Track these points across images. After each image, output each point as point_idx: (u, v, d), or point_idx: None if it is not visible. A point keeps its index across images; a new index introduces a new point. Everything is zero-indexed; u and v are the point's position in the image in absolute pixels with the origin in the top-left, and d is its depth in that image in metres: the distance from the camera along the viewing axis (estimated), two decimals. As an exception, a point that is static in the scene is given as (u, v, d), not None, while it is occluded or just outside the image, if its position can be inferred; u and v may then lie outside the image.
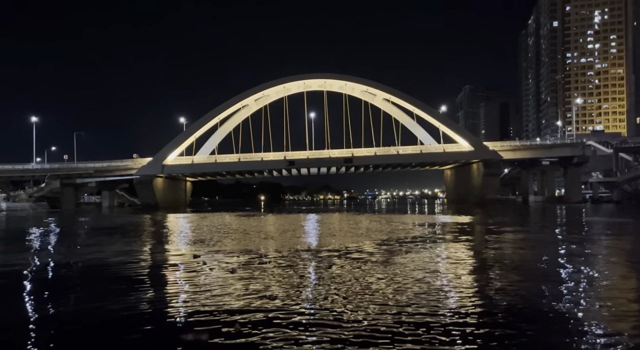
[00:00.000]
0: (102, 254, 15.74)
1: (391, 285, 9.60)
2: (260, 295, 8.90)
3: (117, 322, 7.34)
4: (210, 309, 7.91)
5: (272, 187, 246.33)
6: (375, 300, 8.28)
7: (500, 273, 11.26)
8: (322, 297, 8.62)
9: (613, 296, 8.74)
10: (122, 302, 8.49)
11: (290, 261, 13.18)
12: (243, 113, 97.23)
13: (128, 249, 17.01)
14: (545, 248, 16.72)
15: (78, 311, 8.13)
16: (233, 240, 19.67)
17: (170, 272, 12.13)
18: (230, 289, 9.48)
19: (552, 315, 7.35)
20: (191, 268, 12.41)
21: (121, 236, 24.27)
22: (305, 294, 8.93)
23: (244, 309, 7.88)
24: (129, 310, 7.95)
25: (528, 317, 7.24)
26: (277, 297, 8.63)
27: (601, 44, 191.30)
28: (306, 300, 8.42)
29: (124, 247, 18.05)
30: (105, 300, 8.76)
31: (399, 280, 10.24)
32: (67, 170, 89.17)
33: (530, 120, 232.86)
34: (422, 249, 16.12)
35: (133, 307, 8.22)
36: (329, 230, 24.87)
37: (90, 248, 18.15)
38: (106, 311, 8.00)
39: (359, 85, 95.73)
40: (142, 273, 11.91)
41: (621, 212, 49.08)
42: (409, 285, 9.57)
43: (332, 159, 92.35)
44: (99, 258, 14.83)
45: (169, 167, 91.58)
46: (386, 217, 43.32)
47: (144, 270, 12.33)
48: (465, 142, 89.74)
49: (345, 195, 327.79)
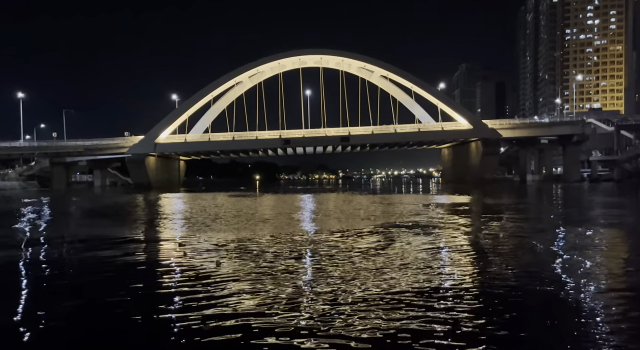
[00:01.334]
0: (76, 244, 14.19)
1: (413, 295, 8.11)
2: (239, 306, 7.02)
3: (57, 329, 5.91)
4: (178, 316, 6.45)
5: (267, 167, 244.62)
6: (390, 306, 6.86)
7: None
8: (321, 316, 6.48)
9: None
10: (77, 299, 7.10)
11: (284, 251, 11.67)
12: (237, 90, 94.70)
13: (107, 235, 15.49)
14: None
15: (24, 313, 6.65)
16: (225, 224, 18.16)
17: (148, 264, 10.62)
18: (202, 294, 7.57)
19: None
20: (172, 260, 10.90)
21: (105, 219, 22.77)
22: (300, 310, 6.72)
23: (211, 329, 5.94)
24: (73, 315, 6.54)
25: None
26: (263, 311, 6.66)
27: (601, 20, 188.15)
28: (302, 317, 6.34)
29: (105, 231, 16.54)
30: (50, 304, 7.24)
31: (422, 287, 8.16)
32: (56, 149, 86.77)
33: (527, 98, 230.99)
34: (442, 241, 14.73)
35: (78, 311, 6.79)
36: (327, 213, 23.42)
37: (66, 231, 16.65)
38: (46, 318, 6.51)
39: (355, 62, 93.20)
40: (110, 266, 10.31)
41: (622, 192, 48.06)
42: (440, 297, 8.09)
43: (328, 138, 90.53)
44: (71, 246, 13.33)
45: (161, 145, 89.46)
46: (385, 197, 42.01)
47: (114, 262, 10.77)
48: (464, 120, 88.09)
49: (340, 174, 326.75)
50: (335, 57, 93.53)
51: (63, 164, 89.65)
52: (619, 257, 10.75)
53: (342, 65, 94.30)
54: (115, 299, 7.41)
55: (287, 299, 7.19)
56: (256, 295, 7.49)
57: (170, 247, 12.82)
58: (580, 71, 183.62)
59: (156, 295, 7.67)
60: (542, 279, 8.27)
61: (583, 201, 34.12)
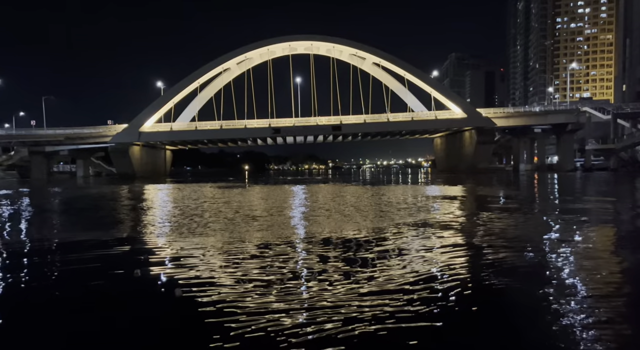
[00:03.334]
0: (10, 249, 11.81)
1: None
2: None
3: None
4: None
5: (257, 157, 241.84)
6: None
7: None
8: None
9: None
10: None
11: (275, 264, 9.26)
12: (225, 77, 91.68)
13: (52, 240, 13.05)
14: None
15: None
16: (206, 223, 15.75)
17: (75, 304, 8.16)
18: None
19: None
20: (114, 292, 7.08)
21: (68, 214, 20.29)
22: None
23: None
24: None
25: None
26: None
27: (591, 9, 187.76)
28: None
29: (52, 233, 14.08)
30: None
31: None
32: (34, 137, 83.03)
33: (517, 87, 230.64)
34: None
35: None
36: (320, 207, 21.16)
37: (12, 231, 14.23)
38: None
39: (347, 48, 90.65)
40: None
41: (619, 181, 46.69)
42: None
43: (319, 127, 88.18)
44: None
45: (146, 134, 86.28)
46: (380, 189, 39.96)
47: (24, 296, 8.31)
48: (457, 109, 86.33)
49: (330, 165, 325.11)
50: (326, 44, 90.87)
51: (42, 153, 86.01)
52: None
53: (334, 52, 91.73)
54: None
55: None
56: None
57: (123, 260, 10.18)
58: (571, 60, 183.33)
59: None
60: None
61: (595, 192, 32.43)
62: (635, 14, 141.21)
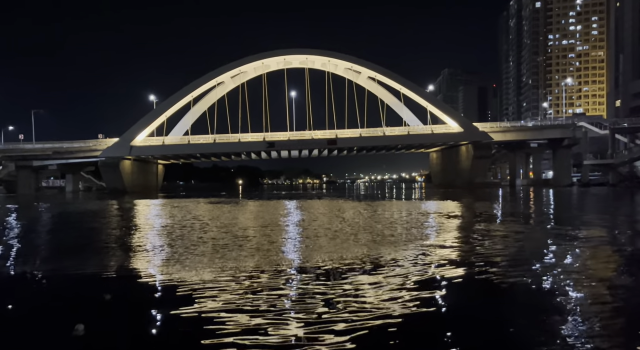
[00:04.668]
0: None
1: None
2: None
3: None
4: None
5: (251, 171, 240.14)
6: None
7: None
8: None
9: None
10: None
11: (268, 297, 7.68)
12: (219, 91, 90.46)
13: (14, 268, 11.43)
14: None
15: None
16: (192, 247, 14.04)
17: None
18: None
19: None
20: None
21: (38, 236, 18.58)
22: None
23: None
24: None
25: None
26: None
27: (582, 26, 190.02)
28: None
29: (15, 263, 12.41)
30: None
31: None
32: (21, 151, 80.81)
33: (510, 103, 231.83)
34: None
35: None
36: (317, 227, 19.58)
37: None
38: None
39: (342, 62, 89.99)
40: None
41: (622, 198, 45.62)
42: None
43: (315, 141, 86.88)
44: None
45: (137, 148, 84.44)
46: (376, 205, 38.52)
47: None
48: (454, 123, 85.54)
49: (324, 179, 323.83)
50: (321, 58, 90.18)
51: (30, 168, 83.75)
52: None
53: (329, 66, 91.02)
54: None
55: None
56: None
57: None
58: (563, 76, 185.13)
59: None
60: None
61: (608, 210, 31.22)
62: (626, 31, 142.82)
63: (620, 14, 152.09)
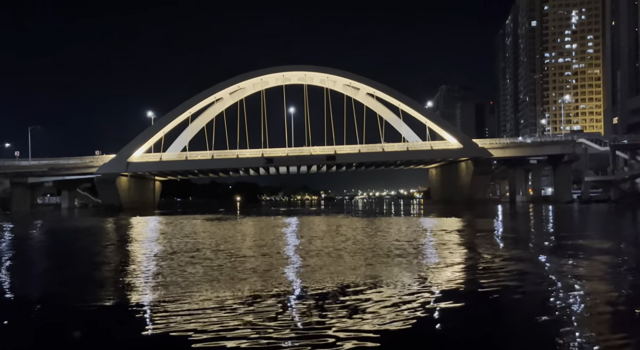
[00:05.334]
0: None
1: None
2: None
3: None
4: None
5: (249, 188, 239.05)
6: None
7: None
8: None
9: None
10: None
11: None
12: (217, 107, 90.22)
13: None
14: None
15: None
16: (181, 273, 12.95)
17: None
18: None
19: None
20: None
21: (14, 261, 17.58)
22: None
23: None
24: None
25: None
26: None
27: (578, 44, 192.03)
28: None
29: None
30: None
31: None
32: (16, 168, 79.77)
33: (508, 119, 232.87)
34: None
35: None
36: (318, 248, 18.69)
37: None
38: None
39: (341, 79, 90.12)
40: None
41: (627, 215, 44.89)
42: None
43: (313, 157, 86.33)
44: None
45: (134, 164, 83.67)
46: (377, 222, 37.71)
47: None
48: (453, 139, 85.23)
49: (322, 195, 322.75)
50: (319, 74, 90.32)
51: (25, 185, 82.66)
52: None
53: (327, 83, 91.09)
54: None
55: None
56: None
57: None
58: (560, 94, 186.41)
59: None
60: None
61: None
62: (622, 50, 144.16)
63: (616, 32, 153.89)
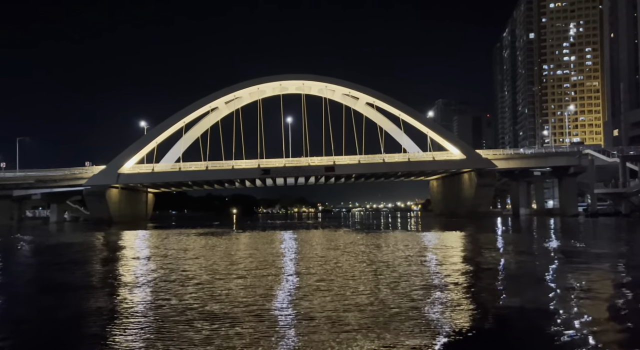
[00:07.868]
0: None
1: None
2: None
3: None
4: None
5: (245, 200, 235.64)
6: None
7: None
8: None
9: None
10: None
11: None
12: (212, 117, 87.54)
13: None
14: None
15: None
16: (163, 302, 10.24)
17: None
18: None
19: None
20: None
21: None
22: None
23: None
24: None
25: None
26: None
27: (577, 57, 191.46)
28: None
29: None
30: None
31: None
32: (1, 180, 76.27)
33: (506, 132, 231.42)
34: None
35: None
36: (318, 270, 15.91)
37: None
38: None
39: (340, 88, 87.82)
40: None
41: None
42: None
43: (311, 168, 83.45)
44: None
45: (125, 176, 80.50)
46: (379, 237, 34.88)
47: None
48: (456, 150, 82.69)
49: (320, 208, 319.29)
50: (318, 83, 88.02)
51: (10, 198, 79.22)
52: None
53: (326, 92, 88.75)
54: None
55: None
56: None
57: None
58: (559, 106, 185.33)
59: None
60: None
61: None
62: (622, 62, 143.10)
63: (615, 45, 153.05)
